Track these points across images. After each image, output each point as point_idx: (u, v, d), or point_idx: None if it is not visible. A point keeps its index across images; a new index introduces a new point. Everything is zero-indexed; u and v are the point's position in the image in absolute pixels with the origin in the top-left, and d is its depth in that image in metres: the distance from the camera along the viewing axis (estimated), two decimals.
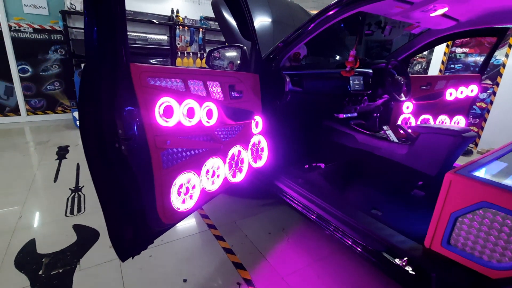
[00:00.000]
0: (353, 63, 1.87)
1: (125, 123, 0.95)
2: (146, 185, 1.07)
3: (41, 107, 4.68)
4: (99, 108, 0.91)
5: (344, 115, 2.21)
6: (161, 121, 1.05)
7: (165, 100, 1.06)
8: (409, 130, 2.12)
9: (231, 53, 2.05)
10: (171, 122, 1.10)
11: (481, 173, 1.18)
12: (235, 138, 1.54)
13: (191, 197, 1.27)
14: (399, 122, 2.81)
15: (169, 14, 5.19)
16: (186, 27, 5.27)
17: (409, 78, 2.45)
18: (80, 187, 2.55)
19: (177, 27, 5.16)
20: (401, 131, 2.72)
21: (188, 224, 2.10)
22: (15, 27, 4.18)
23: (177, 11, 5.18)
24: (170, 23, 5.13)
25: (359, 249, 1.45)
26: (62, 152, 3.38)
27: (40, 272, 1.59)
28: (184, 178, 1.21)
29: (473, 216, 1.08)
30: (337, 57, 2.75)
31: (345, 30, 2.22)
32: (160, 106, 1.04)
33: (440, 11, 1.82)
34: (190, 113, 1.18)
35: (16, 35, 4.22)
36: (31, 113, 4.62)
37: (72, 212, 2.17)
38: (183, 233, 1.99)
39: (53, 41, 4.48)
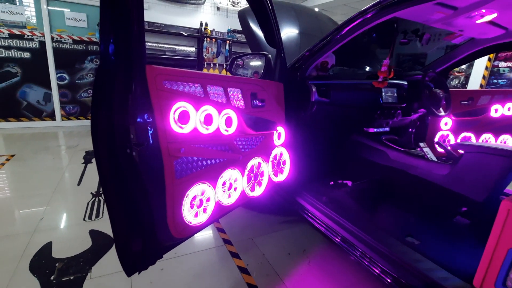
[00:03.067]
0: (386, 73, 1.72)
1: (138, 128, 0.89)
2: (157, 195, 0.99)
3: (74, 113, 4.94)
4: (111, 111, 0.86)
5: (375, 130, 2.04)
6: (176, 128, 0.99)
7: (181, 105, 0.99)
8: (449, 148, 1.90)
9: (256, 62, 1.99)
10: (186, 129, 1.03)
11: None
12: (255, 149, 1.45)
13: (204, 210, 1.17)
14: (436, 139, 2.57)
15: (197, 26, 5.34)
16: (214, 39, 5.38)
17: (448, 92, 2.24)
18: (101, 192, 2.57)
19: (205, 39, 5.29)
20: (439, 149, 2.48)
21: (203, 237, 2.01)
22: (57, 38, 4.49)
23: (206, 24, 5.32)
24: (198, 35, 5.26)
25: (389, 280, 1.26)
26: (88, 157, 3.49)
27: (52, 278, 1.56)
28: (198, 189, 1.13)
29: None
30: (368, 68, 2.60)
31: (377, 39, 2.09)
32: (175, 111, 0.98)
33: (487, 18, 1.64)
34: (208, 120, 1.11)
35: (57, 46, 4.53)
36: (65, 119, 4.88)
37: (90, 217, 2.16)
38: (197, 247, 1.89)
39: (89, 52, 4.76)
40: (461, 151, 1.64)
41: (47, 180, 2.75)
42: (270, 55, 1.68)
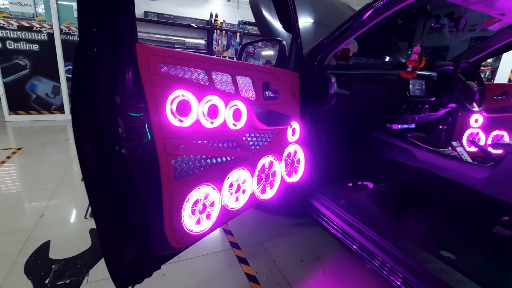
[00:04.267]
0: (417, 62, 1.51)
1: (127, 120, 0.74)
2: (152, 200, 0.85)
3: None
4: (95, 99, 0.71)
5: (399, 126, 1.84)
6: (173, 120, 0.83)
7: (181, 94, 0.84)
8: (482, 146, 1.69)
9: (268, 51, 1.82)
10: (186, 122, 0.87)
11: None
12: (267, 146, 1.28)
13: (208, 216, 1.02)
14: (464, 138, 2.34)
15: (207, 18, 5.18)
16: (224, 31, 5.21)
17: (483, 85, 2.01)
18: None
19: (215, 31, 5.12)
20: (469, 148, 2.25)
21: (209, 240, 1.87)
22: (65, 30, 4.42)
23: (216, 15, 5.15)
24: (208, 27, 5.10)
25: None
26: None
27: (47, 281, 1.46)
28: (200, 192, 0.97)
29: None
30: (392, 58, 2.37)
31: (404, 24, 1.87)
32: (173, 101, 0.82)
33: None
34: (213, 112, 0.95)
35: (66, 38, 4.46)
36: None
37: (92, 215, 2.06)
38: (203, 250, 1.76)
39: None
40: (499, 151, 1.42)
41: (52, 175, 2.67)
42: (284, 42, 1.50)
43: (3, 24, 4.10)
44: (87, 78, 0.70)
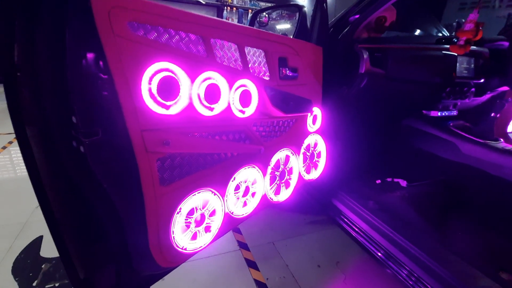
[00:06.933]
0: (472, 33, 1.20)
1: (84, 106, 0.51)
2: (130, 212, 0.63)
3: None
4: (35, 74, 0.48)
5: (439, 113, 1.54)
6: (154, 106, 0.60)
7: (164, 68, 0.59)
8: None
9: (285, 23, 1.53)
10: (174, 109, 0.63)
11: None
12: (282, 137, 1.04)
13: (207, 229, 0.81)
14: (510, 127, 2.01)
15: None
16: (235, 8, 4.86)
17: None
18: None
19: (225, 8, 4.78)
20: None
21: None
22: None
23: None
24: (218, 4, 4.77)
25: None
26: None
27: (35, 283, 1.32)
28: (196, 200, 0.75)
29: None
30: (425, 32, 2.02)
31: None
32: (153, 78, 0.58)
33: None
34: (212, 95, 0.71)
35: None
36: None
37: None
38: (207, 251, 1.56)
39: None
40: None
41: None
42: (305, 8, 1.22)
43: None
44: (22, 41, 0.47)
